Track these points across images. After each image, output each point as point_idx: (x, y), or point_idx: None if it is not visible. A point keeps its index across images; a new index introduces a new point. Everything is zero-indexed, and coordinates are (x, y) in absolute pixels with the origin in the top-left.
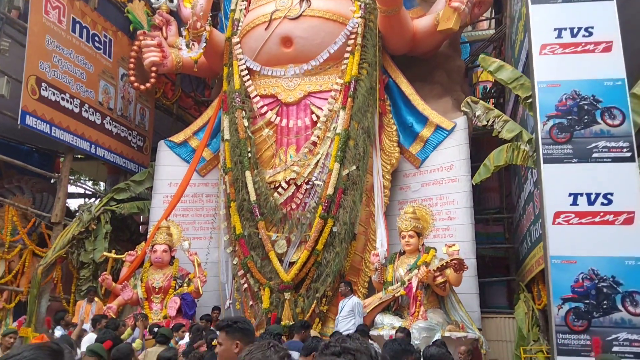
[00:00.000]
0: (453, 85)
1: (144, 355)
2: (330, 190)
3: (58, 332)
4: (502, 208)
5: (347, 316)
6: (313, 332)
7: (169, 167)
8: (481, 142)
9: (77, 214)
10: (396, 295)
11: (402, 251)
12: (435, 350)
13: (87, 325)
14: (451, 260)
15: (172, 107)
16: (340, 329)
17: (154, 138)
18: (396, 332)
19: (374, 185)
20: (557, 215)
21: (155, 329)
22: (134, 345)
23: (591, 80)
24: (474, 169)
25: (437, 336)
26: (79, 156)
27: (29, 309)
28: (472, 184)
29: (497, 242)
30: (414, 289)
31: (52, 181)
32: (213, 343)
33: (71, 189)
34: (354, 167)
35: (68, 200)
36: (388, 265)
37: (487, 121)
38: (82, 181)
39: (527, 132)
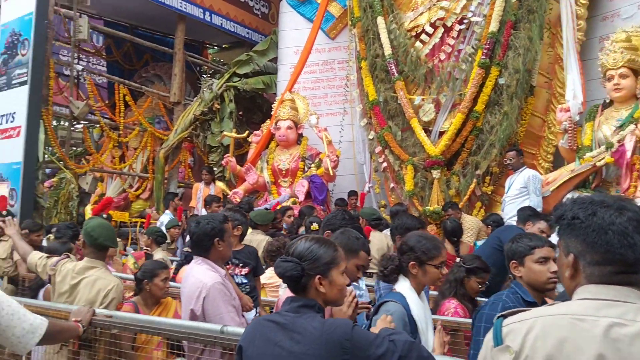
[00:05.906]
0: None
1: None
2: (494, 26)
3: (166, 216)
4: None
5: (517, 195)
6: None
7: (294, 31)
8: None
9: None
10: (598, 165)
11: (606, 102)
12: None
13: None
14: None
15: None
16: (507, 214)
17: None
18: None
19: (562, 14)
20: None
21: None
22: None
23: None
24: None
25: None
26: (225, 45)
27: (155, 195)
28: None
29: None
30: (629, 154)
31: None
32: (312, 227)
33: None
34: None
35: None
36: (585, 123)
37: None
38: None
39: None
